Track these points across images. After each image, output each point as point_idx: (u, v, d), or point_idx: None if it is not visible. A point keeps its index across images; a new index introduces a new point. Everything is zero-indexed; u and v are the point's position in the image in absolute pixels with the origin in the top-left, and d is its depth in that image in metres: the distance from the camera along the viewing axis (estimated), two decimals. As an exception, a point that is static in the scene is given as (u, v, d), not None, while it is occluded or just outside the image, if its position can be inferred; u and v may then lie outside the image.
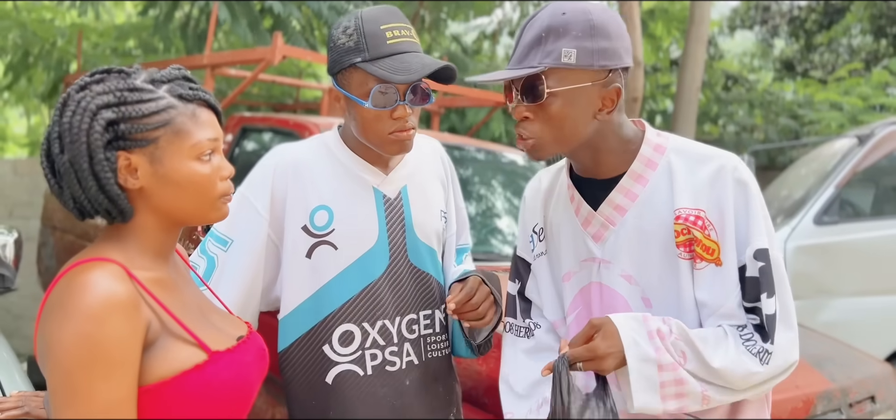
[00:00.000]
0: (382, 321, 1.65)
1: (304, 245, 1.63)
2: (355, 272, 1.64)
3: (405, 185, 1.71)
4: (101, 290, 0.98)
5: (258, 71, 3.90)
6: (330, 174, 1.66)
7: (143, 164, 1.08)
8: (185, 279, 1.25)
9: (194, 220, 1.16)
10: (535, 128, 1.35)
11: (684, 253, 1.36)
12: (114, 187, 1.06)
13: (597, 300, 1.45)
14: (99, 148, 1.04)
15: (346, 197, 1.65)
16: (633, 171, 1.42)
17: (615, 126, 1.41)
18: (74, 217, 1.12)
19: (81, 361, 0.96)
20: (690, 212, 1.36)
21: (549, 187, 1.60)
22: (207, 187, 1.12)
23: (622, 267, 1.42)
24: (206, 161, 1.11)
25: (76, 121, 1.04)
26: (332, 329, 1.63)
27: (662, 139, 1.44)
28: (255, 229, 1.64)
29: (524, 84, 1.34)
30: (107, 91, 1.06)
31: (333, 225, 1.63)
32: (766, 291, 1.32)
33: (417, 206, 1.71)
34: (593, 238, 1.45)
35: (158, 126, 1.07)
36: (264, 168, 1.68)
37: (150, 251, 1.13)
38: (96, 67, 1.13)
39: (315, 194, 1.64)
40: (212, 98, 1.16)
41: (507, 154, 4.06)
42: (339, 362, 1.64)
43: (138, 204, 1.11)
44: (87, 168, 1.04)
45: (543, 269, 1.58)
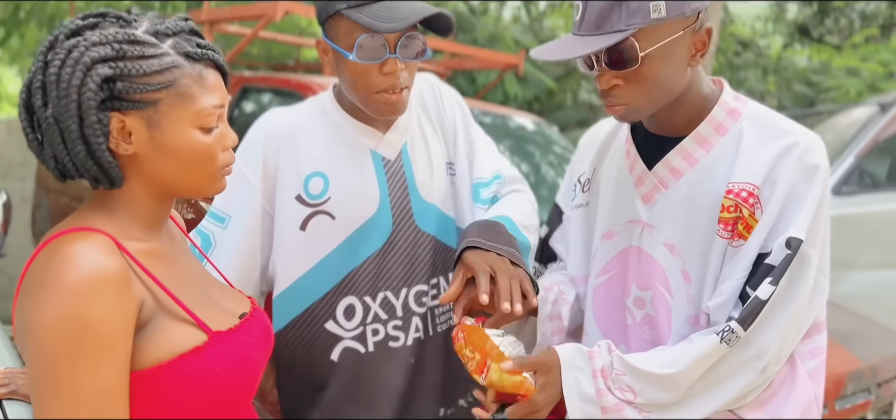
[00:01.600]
0: (385, 293, 1.55)
1: (298, 216, 1.52)
2: (356, 243, 1.53)
3: (405, 141, 1.59)
4: (87, 264, 0.88)
5: (259, 27, 3.78)
6: (324, 138, 1.55)
7: (139, 128, 0.96)
8: (182, 250, 1.14)
9: (190, 193, 1.05)
10: (628, 94, 1.24)
11: (724, 231, 1.25)
12: (105, 153, 0.95)
13: (634, 266, 1.36)
14: (92, 109, 0.92)
15: (342, 162, 1.54)
16: (698, 133, 1.30)
17: (699, 77, 1.30)
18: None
19: (65, 345, 0.87)
20: (744, 186, 1.24)
21: (607, 137, 1.50)
22: (208, 159, 1.02)
23: (666, 235, 1.32)
24: (208, 130, 1.00)
25: (66, 74, 0.92)
26: (334, 304, 1.54)
27: (739, 104, 1.32)
28: (250, 203, 1.53)
29: (609, 51, 1.20)
30: (103, 41, 0.94)
31: (329, 193, 1.52)
32: (772, 278, 1.19)
33: (420, 165, 1.60)
34: (643, 199, 1.35)
35: (160, 87, 0.96)
36: (255, 135, 1.57)
37: (141, 220, 1.03)
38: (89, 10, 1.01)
39: (308, 160, 1.53)
40: (220, 58, 1.04)
41: (515, 118, 3.97)
42: (345, 337, 1.55)
43: (130, 171, 1.00)
44: (75, 129, 0.93)
45: (578, 221, 1.50)
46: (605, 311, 1.42)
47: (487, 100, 6.45)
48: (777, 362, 1.24)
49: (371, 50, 1.41)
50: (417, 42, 1.46)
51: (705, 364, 1.22)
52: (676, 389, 1.23)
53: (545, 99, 7.58)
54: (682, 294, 1.31)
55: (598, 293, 1.43)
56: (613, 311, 1.40)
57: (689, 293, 1.30)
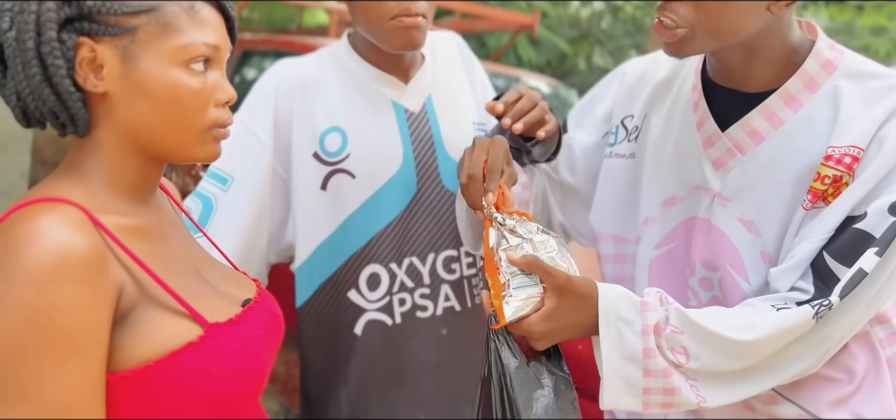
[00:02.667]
0: (410, 258, 1.44)
1: (316, 176, 1.41)
2: (379, 203, 1.42)
3: (429, 94, 1.48)
4: (52, 243, 0.73)
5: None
6: (341, 90, 1.44)
7: (112, 59, 0.82)
8: (174, 226, 0.98)
9: (173, 153, 0.89)
10: (686, 13, 1.04)
11: (809, 201, 1.06)
12: (64, 81, 0.80)
13: (701, 241, 1.17)
14: (51, 23, 0.79)
15: (362, 115, 1.43)
16: (786, 91, 1.10)
17: (784, 25, 1.10)
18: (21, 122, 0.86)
19: (25, 343, 0.72)
20: (847, 151, 1.04)
21: (666, 79, 1.28)
22: (192, 108, 0.86)
23: (743, 209, 1.13)
24: (196, 73, 0.85)
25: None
26: (357, 271, 1.43)
27: (835, 54, 1.11)
28: (258, 161, 1.42)
29: None
30: None
31: (348, 149, 1.41)
32: (878, 248, 1.00)
33: (446, 119, 1.48)
34: (714, 164, 1.16)
35: (140, 11, 0.82)
36: (265, 88, 1.46)
37: (122, 188, 0.87)
38: None
39: (324, 115, 1.42)
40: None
41: (530, 80, 3.85)
42: (369, 309, 1.45)
43: (101, 116, 0.85)
44: (32, 48, 0.79)
45: (620, 175, 1.31)
46: (664, 289, 1.22)
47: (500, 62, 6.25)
48: (839, 345, 1.07)
49: None
50: None
51: (788, 338, 1.03)
52: (744, 358, 1.03)
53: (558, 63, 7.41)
54: (762, 278, 1.12)
55: (655, 267, 1.24)
56: (674, 290, 1.20)
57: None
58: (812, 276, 1.03)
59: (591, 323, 1.04)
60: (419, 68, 1.49)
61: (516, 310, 1.03)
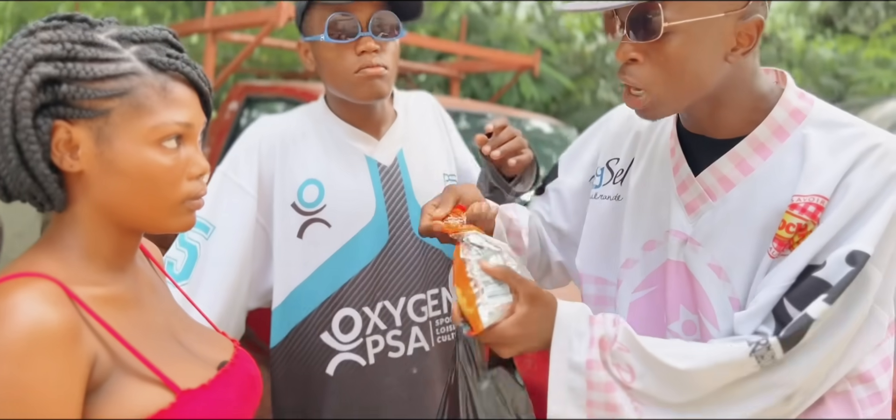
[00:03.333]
0: (383, 302, 1.51)
1: (294, 224, 1.50)
2: (353, 251, 1.50)
3: (401, 148, 1.57)
4: (26, 319, 0.77)
5: (262, 35, 3.69)
6: (317, 145, 1.53)
7: (86, 140, 0.86)
8: (153, 291, 1.00)
9: (147, 226, 0.93)
10: (647, 74, 1.07)
11: (775, 249, 1.06)
12: (39, 164, 0.84)
13: (675, 284, 1.18)
14: (26, 110, 0.82)
15: (337, 168, 1.52)
16: (754, 138, 1.11)
17: (748, 73, 1.11)
18: None
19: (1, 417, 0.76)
20: (812, 200, 1.04)
21: (649, 126, 1.31)
22: (165, 185, 0.89)
23: (713, 255, 1.13)
24: (168, 150, 0.88)
25: (7, 72, 0.83)
26: (330, 315, 1.50)
27: (804, 103, 1.12)
28: (242, 211, 1.49)
29: (633, 14, 1.05)
30: (55, 40, 0.85)
31: (325, 200, 1.49)
32: (827, 296, 0.99)
33: (417, 172, 1.57)
34: (686, 208, 1.17)
35: (112, 94, 0.85)
36: (248, 143, 1.54)
37: (98, 259, 0.90)
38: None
39: (302, 168, 1.51)
40: (195, 72, 0.92)
41: (532, 121, 3.87)
42: (341, 351, 1.51)
43: (78, 193, 0.89)
44: (8, 133, 0.83)
45: (604, 216, 1.32)
46: (644, 333, 1.22)
47: (502, 102, 6.33)
48: (806, 396, 1.05)
49: (343, 29, 1.42)
50: (390, 19, 1.45)
51: (726, 375, 1.02)
52: (683, 390, 1.03)
53: (562, 99, 7.45)
54: (730, 324, 1.12)
55: (636, 310, 1.25)
56: (655, 334, 1.19)
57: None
58: (773, 322, 1.03)
59: (551, 334, 1.06)
60: (391, 124, 1.58)
61: (491, 315, 1.05)
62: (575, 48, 8.48)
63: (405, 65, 4.94)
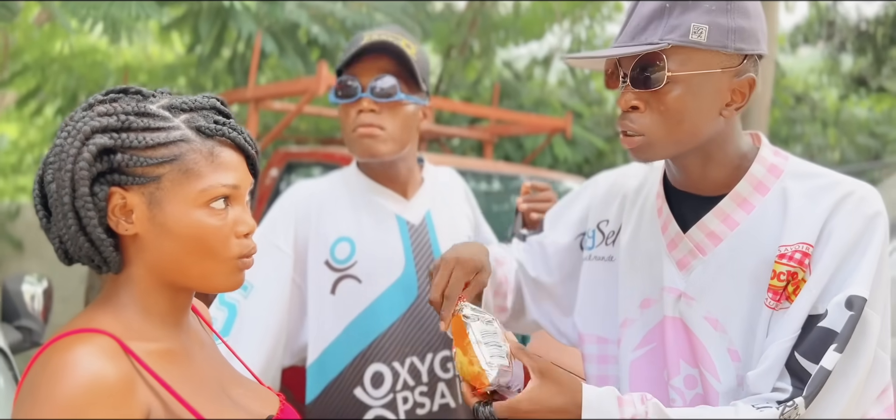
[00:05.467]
0: (411, 358, 1.55)
1: (327, 281, 1.56)
2: (382, 306, 1.55)
3: (429, 209, 1.65)
4: (85, 373, 0.81)
5: (302, 103, 3.78)
6: (349, 205, 1.61)
7: (140, 205, 0.91)
8: (203, 347, 1.04)
9: (200, 285, 0.96)
10: (646, 121, 1.13)
11: (772, 300, 1.11)
12: (96, 229, 0.89)
13: (674, 339, 1.22)
14: (84, 180, 0.87)
15: (368, 226, 1.59)
16: (737, 193, 1.17)
17: (735, 132, 1.18)
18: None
19: None
20: (798, 248, 1.10)
21: (636, 187, 1.37)
22: (215, 244, 0.93)
23: (708, 308, 1.18)
24: (216, 211, 0.93)
25: (67, 144, 0.88)
26: (362, 370, 1.54)
27: (780, 159, 1.20)
28: (280, 270, 1.55)
29: (637, 65, 1.11)
30: (110, 112, 0.90)
31: (356, 257, 1.56)
32: (837, 345, 1.03)
33: (444, 232, 1.64)
34: (678, 265, 1.22)
35: (163, 161, 0.90)
36: (285, 205, 1.62)
37: (153, 316, 0.95)
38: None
39: (334, 227, 1.58)
40: (242, 137, 0.96)
41: (565, 181, 3.88)
42: (373, 406, 1.55)
43: (133, 254, 0.93)
44: (68, 202, 0.88)
45: (598, 276, 1.38)
46: (646, 390, 1.25)
47: (536, 164, 6.37)
48: None
49: (345, 90, 1.53)
50: (387, 81, 1.52)
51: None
52: None
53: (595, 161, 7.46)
54: (732, 376, 1.16)
55: (637, 368, 1.28)
56: (656, 391, 1.25)
57: (738, 373, 1.15)
58: (788, 376, 1.06)
59: (571, 411, 1.08)
60: (419, 187, 1.67)
61: (496, 372, 1.10)
62: (606, 111, 8.53)
63: (439, 129, 5.04)
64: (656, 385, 1.25)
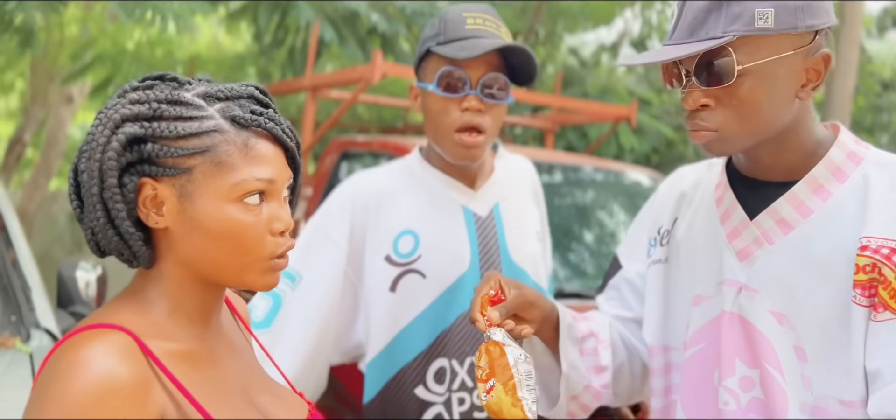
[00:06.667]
0: (471, 358, 1.50)
1: (387, 277, 1.49)
2: (448, 302, 1.49)
3: (497, 202, 1.57)
4: (96, 372, 0.78)
5: (358, 91, 3.77)
6: (413, 197, 1.54)
7: (170, 198, 0.87)
8: (232, 349, 0.99)
9: (230, 282, 0.92)
10: (719, 118, 1.07)
11: (862, 297, 1.02)
12: (125, 222, 0.86)
13: (730, 337, 1.14)
14: (112, 170, 0.84)
15: (433, 218, 1.52)
16: (813, 178, 1.09)
17: (809, 114, 1.12)
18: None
19: None
20: (885, 243, 1.01)
21: (692, 184, 1.32)
22: (248, 241, 0.88)
23: (773, 301, 1.10)
24: (250, 207, 0.87)
25: (98, 133, 0.85)
26: (425, 368, 1.49)
27: (860, 147, 1.12)
28: (332, 263, 1.50)
29: (701, 62, 1.04)
30: (143, 100, 0.87)
31: (420, 250, 1.49)
32: None
33: (512, 227, 1.56)
34: (738, 255, 1.15)
35: (194, 152, 0.86)
36: (342, 197, 1.56)
37: (180, 314, 0.91)
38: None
39: (397, 219, 1.52)
40: (280, 129, 0.92)
41: (630, 173, 3.73)
42: (435, 402, 1.50)
43: (163, 249, 0.90)
44: (96, 192, 0.85)
45: (655, 281, 1.31)
46: (693, 395, 1.20)
47: (600, 153, 6.22)
48: None
49: (452, 83, 1.43)
50: (500, 81, 1.44)
51: None
52: None
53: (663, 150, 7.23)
54: (796, 376, 1.08)
55: (687, 371, 1.22)
56: (704, 394, 1.17)
57: (803, 374, 1.08)
58: None
59: None
60: (488, 178, 1.57)
61: (534, 408, 1.08)
62: (675, 99, 8.26)
63: (499, 118, 4.93)
64: (704, 387, 1.19)
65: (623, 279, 1.41)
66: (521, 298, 1.21)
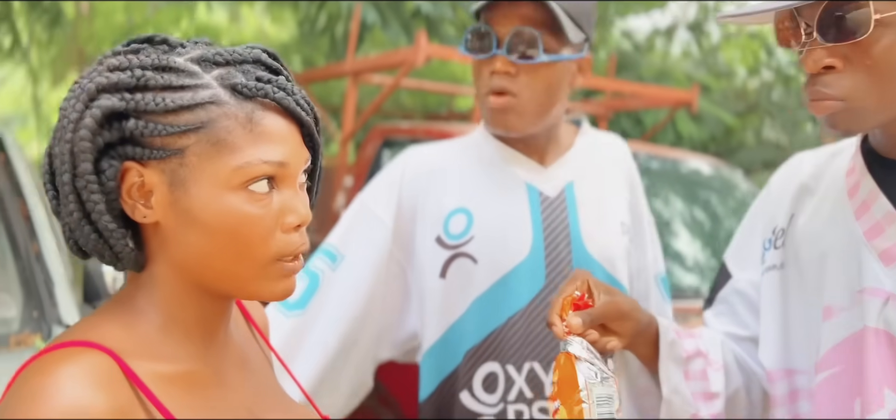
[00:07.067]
0: (531, 364, 1.29)
1: (437, 261, 1.33)
2: (502, 293, 1.30)
3: (571, 180, 1.36)
4: (63, 403, 0.64)
5: (400, 75, 3.65)
6: (470, 172, 1.37)
7: (160, 185, 0.72)
8: (242, 367, 0.85)
9: (233, 289, 0.76)
10: (847, 83, 0.89)
11: None
12: (103, 216, 0.71)
13: (876, 360, 0.95)
14: (86, 152, 0.69)
15: (489, 195, 1.33)
16: None
17: None
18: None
19: None
20: None
21: (813, 173, 1.12)
22: (253, 239, 0.73)
23: None
24: (257, 196, 0.72)
25: (69, 108, 0.71)
26: (472, 371, 1.31)
27: None
28: (376, 242, 1.35)
29: (826, 11, 0.87)
30: (124, 66, 0.71)
31: (472, 231, 1.31)
32: None
33: (588, 210, 1.35)
34: (881, 257, 0.96)
35: (187, 129, 0.71)
36: (392, 171, 1.41)
37: (175, 329, 0.76)
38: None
39: (450, 196, 1.35)
40: (292, 99, 0.76)
41: (689, 161, 3.51)
42: (483, 414, 1.31)
43: (155, 248, 0.75)
44: (68, 181, 0.71)
45: (771, 291, 1.13)
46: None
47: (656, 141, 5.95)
48: None
49: (475, 41, 1.28)
50: (526, 35, 1.23)
51: None
52: None
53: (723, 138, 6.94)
54: None
55: (819, 399, 1.03)
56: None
57: None
58: None
59: None
60: (563, 154, 1.38)
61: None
62: (735, 84, 7.93)
63: (549, 103, 4.74)
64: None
65: (733, 291, 1.22)
66: (612, 306, 1.04)
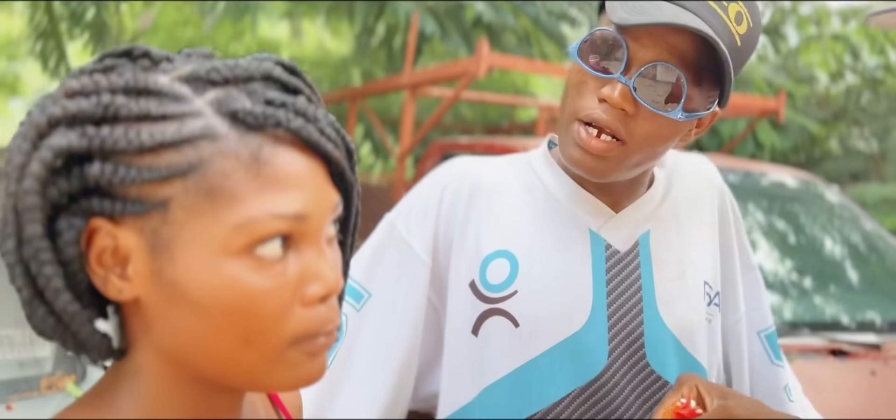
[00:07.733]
0: None
1: (468, 312, 1.06)
2: (547, 369, 1.04)
3: (647, 230, 1.08)
4: None
5: (461, 87, 3.46)
6: (523, 205, 1.09)
7: (138, 250, 0.54)
8: None
9: (239, 382, 0.58)
10: None
11: None
12: (61, 295, 0.53)
13: None
14: (33, 210, 0.51)
15: (543, 240, 1.06)
16: None
17: None
18: None
19: None
20: None
21: None
22: (262, 320, 0.54)
23: None
24: (266, 262, 0.53)
25: (15, 146, 0.53)
26: None
27: None
28: (412, 280, 1.08)
29: None
30: (88, 90, 0.53)
31: (516, 284, 1.04)
32: None
33: (665, 270, 1.07)
34: None
35: (171, 174, 0.52)
36: (430, 189, 1.12)
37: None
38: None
39: (492, 231, 1.06)
40: (316, 128, 0.57)
41: (771, 174, 3.30)
42: None
43: (136, 330, 0.58)
44: (12, 249, 0.53)
45: None
46: None
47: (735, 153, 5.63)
48: None
49: (602, 54, 0.95)
50: (669, 79, 0.92)
51: None
52: None
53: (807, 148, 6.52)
54: None
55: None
56: None
57: None
58: None
59: None
60: (640, 194, 1.09)
61: None
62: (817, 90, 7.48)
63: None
64: None
65: None
66: (726, 415, 0.81)
